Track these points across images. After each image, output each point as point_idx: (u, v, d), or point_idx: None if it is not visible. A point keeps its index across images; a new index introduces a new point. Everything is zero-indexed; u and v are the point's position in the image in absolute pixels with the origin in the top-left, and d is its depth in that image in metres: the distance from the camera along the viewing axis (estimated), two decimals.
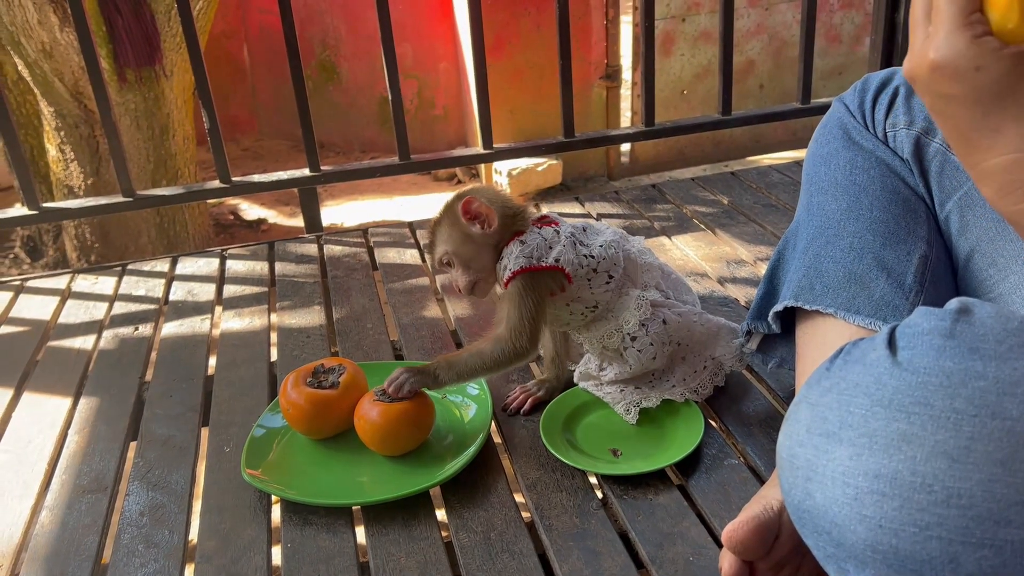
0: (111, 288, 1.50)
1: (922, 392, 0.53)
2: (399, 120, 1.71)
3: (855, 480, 0.54)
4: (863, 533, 0.54)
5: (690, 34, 3.35)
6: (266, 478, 0.97)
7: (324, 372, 1.03)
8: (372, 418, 0.97)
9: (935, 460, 0.52)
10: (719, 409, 1.06)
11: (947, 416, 0.52)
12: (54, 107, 2.44)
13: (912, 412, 0.53)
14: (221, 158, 1.68)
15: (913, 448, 0.52)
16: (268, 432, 1.05)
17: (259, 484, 0.96)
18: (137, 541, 0.92)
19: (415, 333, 1.28)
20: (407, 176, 3.56)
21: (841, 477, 0.55)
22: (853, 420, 0.56)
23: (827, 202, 0.94)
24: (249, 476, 0.97)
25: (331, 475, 0.99)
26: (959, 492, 0.51)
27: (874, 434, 0.54)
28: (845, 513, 0.55)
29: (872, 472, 0.54)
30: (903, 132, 0.91)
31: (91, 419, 1.14)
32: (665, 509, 0.91)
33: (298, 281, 1.48)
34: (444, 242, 1.00)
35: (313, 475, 0.99)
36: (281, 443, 1.03)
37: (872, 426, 0.55)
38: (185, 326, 1.35)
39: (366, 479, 0.98)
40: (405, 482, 0.96)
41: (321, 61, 3.76)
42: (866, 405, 0.56)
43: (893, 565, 0.53)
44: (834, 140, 0.97)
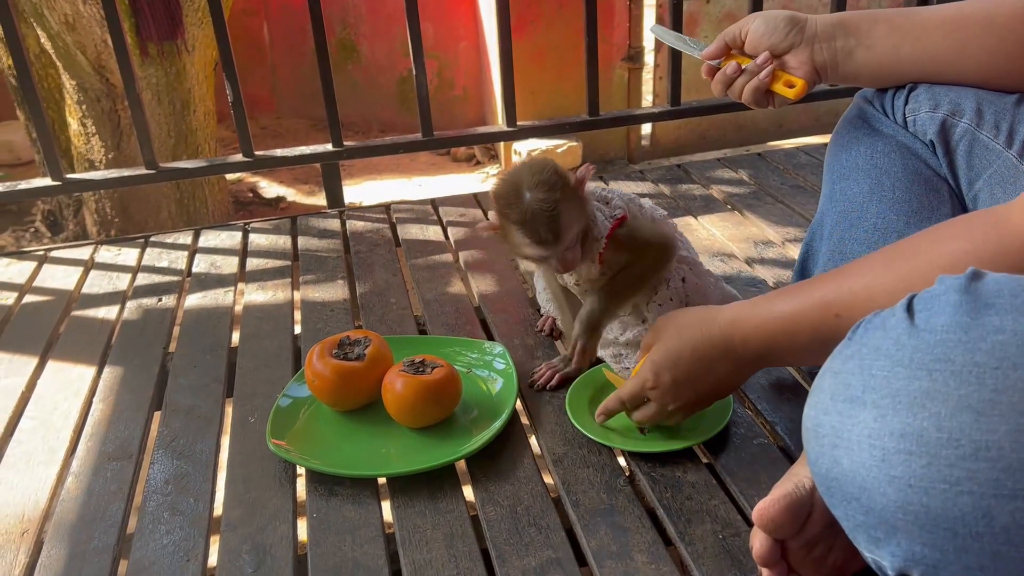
0: (134, 259, 1.50)
1: (942, 349, 0.53)
2: (422, 97, 1.69)
3: (881, 441, 0.54)
4: (892, 495, 0.53)
5: (715, 15, 3.31)
6: (291, 448, 0.97)
7: (350, 344, 1.02)
8: (398, 390, 0.97)
9: (960, 415, 0.51)
10: (747, 388, 1.05)
11: (969, 370, 0.52)
12: (76, 80, 2.44)
13: (933, 369, 0.53)
14: (244, 131, 1.67)
15: (937, 404, 0.52)
16: (294, 402, 1.04)
17: (284, 454, 0.95)
18: (162, 509, 0.92)
19: (439, 309, 1.27)
20: (426, 156, 3.55)
21: (867, 440, 0.55)
22: (875, 383, 0.55)
23: (849, 187, 0.95)
24: (274, 446, 0.96)
25: (356, 446, 0.98)
26: (987, 445, 0.50)
27: (897, 394, 0.54)
28: (873, 476, 0.54)
29: (898, 432, 0.53)
30: (926, 116, 0.92)
31: (115, 388, 1.14)
32: (693, 487, 0.90)
33: (321, 255, 1.47)
34: (576, 220, 0.92)
35: (338, 446, 0.98)
36: (306, 414, 1.03)
37: (895, 386, 0.54)
38: (208, 298, 1.35)
39: (391, 451, 0.97)
40: (431, 455, 0.95)
41: (341, 40, 3.74)
42: (887, 367, 0.55)
43: (925, 526, 0.52)
44: (854, 129, 0.98)
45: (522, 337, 1.18)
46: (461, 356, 1.12)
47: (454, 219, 1.57)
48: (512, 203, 0.90)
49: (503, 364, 1.08)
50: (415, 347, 1.11)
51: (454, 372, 1.00)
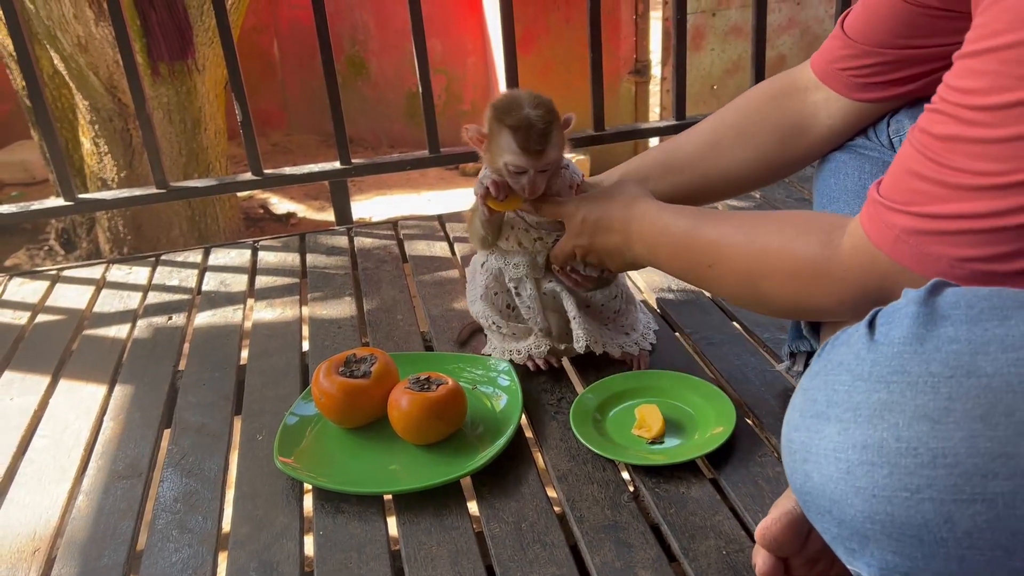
0: (145, 278, 1.52)
1: (898, 361, 0.54)
2: (429, 113, 1.71)
3: (846, 454, 0.55)
4: (860, 505, 0.55)
5: (720, 29, 3.33)
6: (298, 466, 0.98)
7: (356, 361, 1.04)
8: (404, 407, 0.97)
9: (917, 424, 0.52)
10: (751, 403, 1.05)
11: (924, 380, 0.53)
12: (89, 101, 2.47)
13: (891, 381, 0.54)
14: (253, 150, 1.69)
15: (895, 415, 0.53)
16: (301, 420, 1.05)
17: (291, 472, 0.96)
18: (171, 526, 0.93)
19: (445, 324, 1.28)
20: (434, 171, 3.57)
21: (832, 453, 0.56)
22: (838, 397, 0.57)
23: (840, 209, 0.98)
24: (282, 464, 0.97)
25: (362, 463, 0.99)
26: (943, 451, 0.51)
27: (858, 407, 0.55)
28: (841, 488, 0.56)
29: (860, 443, 0.54)
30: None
31: (126, 406, 1.15)
32: (697, 502, 0.90)
33: (329, 273, 1.48)
34: (557, 147, 1.01)
35: (344, 463, 0.99)
36: (313, 431, 1.04)
37: (855, 399, 0.56)
38: (218, 316, 1.37)
39: (397, 468, 0.98)
40: (436, 471, 0.96)
41: (350, 56, 3.78)
42: (848, 381, 0.57)
43: (892, 534, 0.54)
44: (841, 153, 1.02)
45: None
46: (466, 372, 1.13)
47: (461, 235, 1.59)
48: (511, 111, 0.98)
49: (508, 380, 1.09)
50: (420, 364, 1.12)
51: (459, 389, 1.01)
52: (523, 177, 0.99)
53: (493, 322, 1.13)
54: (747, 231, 0.83)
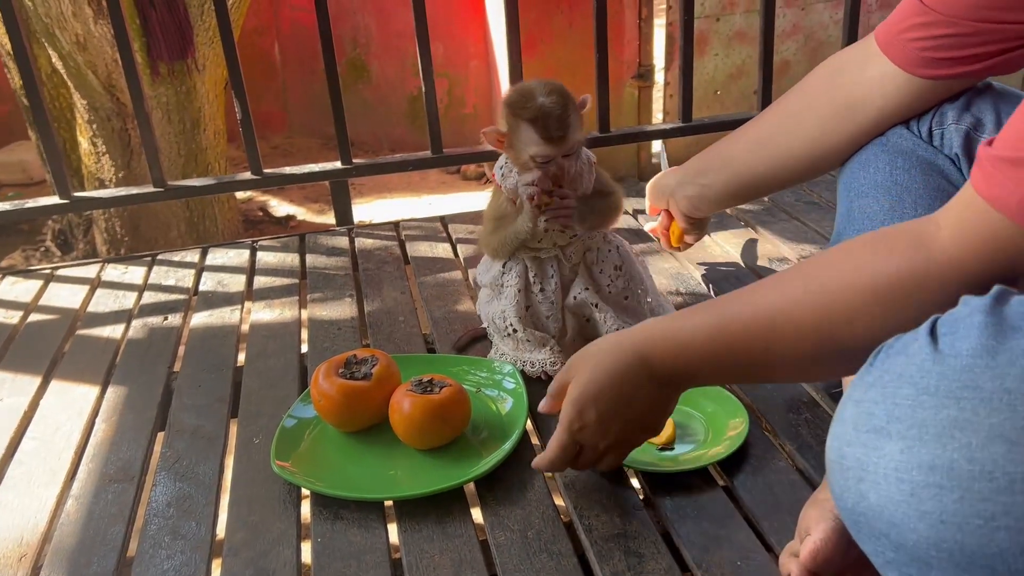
0: (141, 278, 1.49)
1: (969, 375, 0.50)
2: (431, 113, 1.68)
3: (909, 475, 0.51)
4: (924, 531, 0.50)
5: (724, 34, 3.31)
6: (295, 470, 0.94)
7: (357, 363, 1.00)
8: (405, 410, 0.94)
9: (992, 445, 0.48)
10: (764, 409, 1.02)
11: (999, 397, 0.49)
12: (87, 100, 2.44)
13: (961, 397, 0.50)
14: (253, 149, 1.66)
15: (967, 435, 0.49)
16: (299, 423, 1.02)
17: (288, 476, 0.93)
18: (163, 532, 0.89)
19: (447, 327, 1.25)
20: (436, 174, 3.54)
21: (894, 473, 0.52)
22: (900, 412, 0.52)
23: (868, 204, 0.92)
24: (279, 468, 0.94)
25: (362, 468, 0.96)
26: (1022, 476, 0.47)
27: (924, 424, 0.51)
28: (903, 511, 0.51)
29: (927, 464, 0.50)
30: (952, 128, 0.90)
31: (119, 408, 1.12)
32: (710, 511, 0.87)
33: (329, 273, 1.45)
34: (577, 129, 1.01)
35: (343, 468, 0.96)
36: (312, 435, 1.01)
37: (921, 416, 0.51)
38: (214, 316, 1.33)
39: (398, 473, 0.95)
40: (439, 477, 0.93)
41: (351, 59, 3.75)
42: (912, 395, 0.52)
43: (960, 563, 0.49)
44: (872, 146, 0.95)
45: None
46: (470, 375, 1.09)
47: (464, 236, 1.55)
48: (526, 104, 0.98)
49: (513, 383, 1.06)
50: (423, 366, 1.09)
51: (463, 391, 0.97)
52: (551, 166, 1.01)
53: (510, 323, 1.10)
54: (799, 284, 0.70)
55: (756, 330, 0.71)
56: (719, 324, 0.74)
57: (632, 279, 1.12)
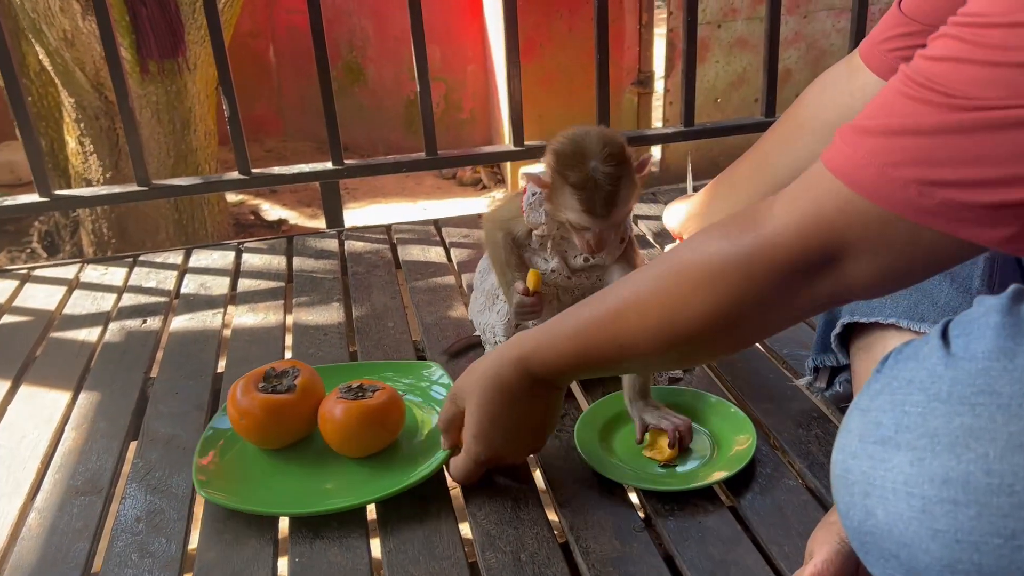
0: (121, 279, 1.43)
1: (984, 379, 0.46)
2: (427, 113, 1.63)
3: (920, 489, 0.46)
4: (937, 551, 0.45)
5: (725, 41, 3.27)
6: (218, 492, 0.87)
7: (277, 376, 0.94)
8: (338, 417, 0.89)
9: (1012, 455, 0.44)
10: (772, 425, 0.97)
11: (1018, 403, 0.44)
12: (75, 98, 2.39)
13: (976, 403, 0.46)
14: (241, 148, 1.60)
15: (984, 444, 0.45)
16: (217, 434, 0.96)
17: (214, 499, 0.86)
18: (131, 549, 0.83)
19: (439, 333, 1.19)
20: (431, 180, 3.49)
21: (903, 488, 0.47)
22: (910, 421, 0.48)
23: None
24: (198, 483, 0.88)
25: (293, 483, 0.90)
26: None
27: (936, 433, 0.46)
28: (913, 530, 0.46)
29: (939, 477, 0.46)
30: None
31: (90, 415, 1.06)
32: (716, 533, 0.81)
33: (317, 277, 1.40)
34: (627, 202, 0.89)
35: (270, 485, 0.90)
36: (233, 454, 0.94)
37: (932, 424, 0.47)
38: (196, 320, 1.28)
39: (333, 487, 0.89)
40: (378, 485, 0.88)
41: (347, 63, 3.71)
42: (923, 402, 0.48)
43: None
44: None
45: None
46: (396, 381, 1.04)
47: (457, 240, 1.50)
48: (575, 165, 0.86)
49: (443, 391, 1.02)
50: (345, 375, 1.03)
51: (396, 394, 0.93)
52: (589, 234, 0.91)
53: (498, 341, 1.04)
54: (652, 271, 0.69)
55: (606, 322, 0.70)
56: (578, 322, 0.74)
57: None
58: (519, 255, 1.00)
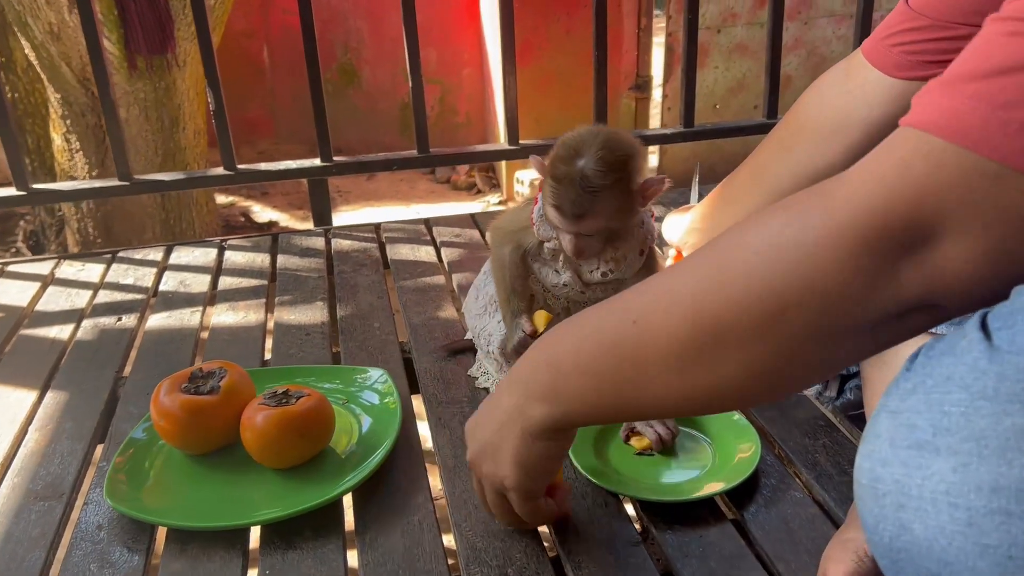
0: (97, 276, 1.37)
1: None
2: (419, 109, 1.58)
3: (966, 499, 0.41)
4: (987, 570, 0.41)
5: (725, 46, 3.23)
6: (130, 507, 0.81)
7: (202, 376, 0.89)
8: (258, 425, 0.83)
9: None
10: (778, 434, 0.91)
11: None
12: (61, 94, 2.33)
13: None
14: (226, 142, 1.55)
15: None
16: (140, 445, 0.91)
17: (126, 510, 0.81)
18: (90, 559, 0.78)
19: (427, 334, 1.14)
20: (425, 184, 3.44)
21: (945, 497, 0.42)
22: (951, 422, 0.43)
23: None
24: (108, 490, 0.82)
25: (212, 493, 0.84)
26: None
27: (982, 436, 0.41)
28: (958, 546, 0.41)
29: (988, 485, 0.41)
30: None
31: (56, 416, 1.00)
32: (718, 548, 0.76)
33: (301, 275, 1.34)
34: (612, 217, 0.82)
35: (188, 494, 0.84)
36: (155, 459, 0.89)
37: (978, 425, 0.41)
38: (173, 318, 1.22)
39: (256, 496, 0.84)
40: (303, 497, 0.82)
41: (342, 65, 3.66)
42: (965, 400, 0.42)
43: None
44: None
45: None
46: (336, 387, 0.99)
47: (449, 239, 1.45)
48: (565, 159, 0.80)
49: (384, 398, 0.96)
50: (281, 378, 0.98)
51: (324, 402, 0.87)
52: (566, 235, 0.84)
53: (493, 349, 0.98)
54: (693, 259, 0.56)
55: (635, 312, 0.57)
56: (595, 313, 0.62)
57: None
58: (525, 276, 0.92)
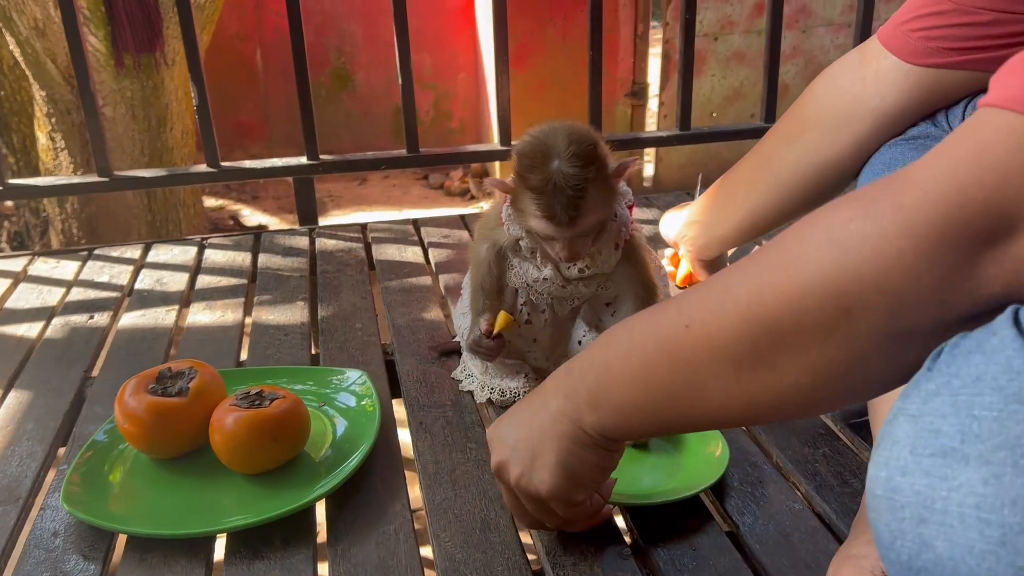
0: (71, 273, 1.32)
1: None
2: (408, 108, 1.54)
3: (999, 514, 0.37)
4: None
5: (723, 54, 3.20)
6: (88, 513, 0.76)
7: (171, 376, 0.84)
8: (228, 427, 0.78)
9: None
10: (775, 442, 0.87)
11: None
12: (46, 91, 2.29)
13: None
14: (210, 138, 1.50)
15: None
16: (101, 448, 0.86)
17: (85, 517, 0.76)
18: (43, 568, 0.73)
19: (411, 336, 1.09)
20: (418, 189, 3.40)
21: (975, 512, 0.38)
22: (982, 428, 0.38)
23: None
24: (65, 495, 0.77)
25: (179, 499, 0.79)
26: None
27: (1018, 443, 0.37)
28: (988, 567, 0.37)
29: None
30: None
31: (18, 416, 0.95)
32: (712, 562, 0.71)
33: (282, 275, 1.29)
34: (598, 209, 0.78)
35: (157, 501, 0.79)
36: (117, 463, 0.84)
37: (1013, 432, 0.37)
38: (147, 317, 1.17)
39: (226, 503, 0.79)
40: (275, 503, 0.77)
41: (336, 69, 3.62)
42: (997, 403, 0.38)
43: None
44: (895, 145, 0.83)
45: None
46: (312, 388, 0.95)
47: (437, 240, 1.40)
48: (536, 167, 0.75)
49: (360, 400, 0.92)
50: (255, 379, 0.93)
51: (298, 403, 0.82)
52: (556, 243, 0.80)
53: None
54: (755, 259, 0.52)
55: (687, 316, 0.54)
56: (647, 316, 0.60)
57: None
58: (498, 274, 0.89)
